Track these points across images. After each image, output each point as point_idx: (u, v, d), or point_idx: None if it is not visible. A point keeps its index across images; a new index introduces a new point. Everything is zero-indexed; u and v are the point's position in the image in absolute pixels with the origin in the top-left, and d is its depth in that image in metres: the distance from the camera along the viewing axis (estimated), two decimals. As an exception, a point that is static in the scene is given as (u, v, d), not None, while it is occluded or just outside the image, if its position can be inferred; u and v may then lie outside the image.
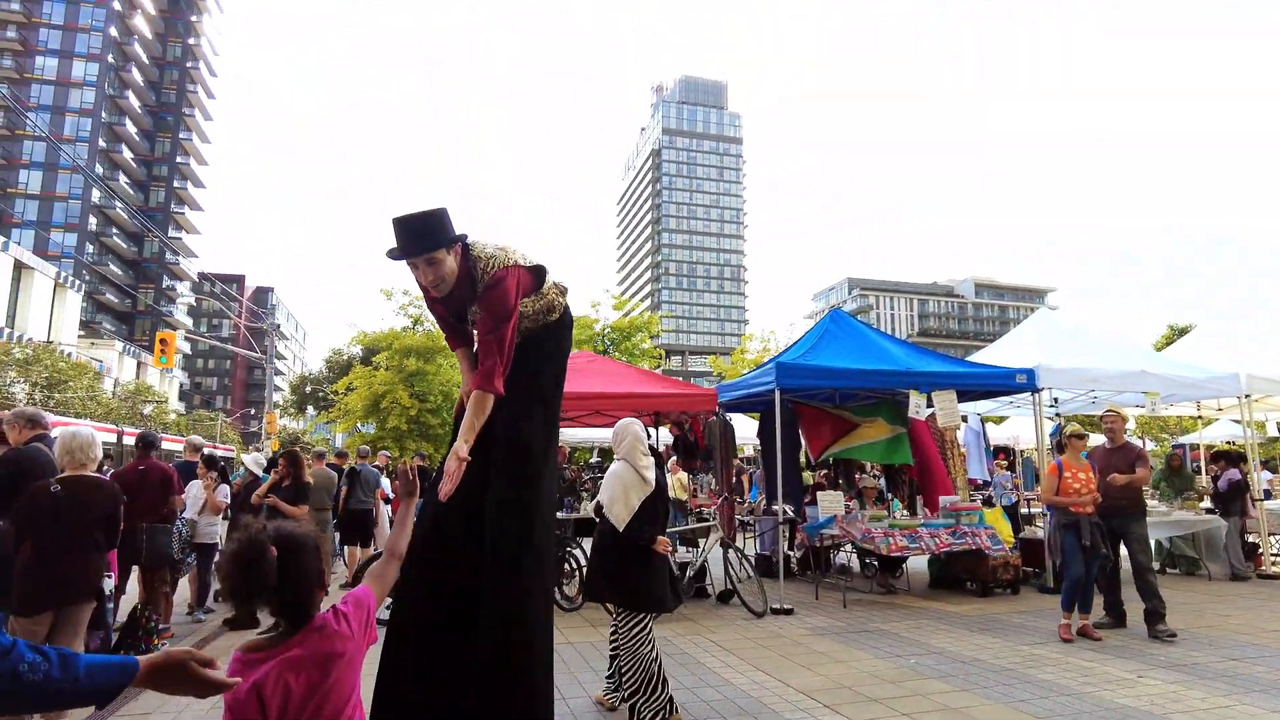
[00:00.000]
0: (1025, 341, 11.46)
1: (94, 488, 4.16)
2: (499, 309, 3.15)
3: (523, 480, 3.31)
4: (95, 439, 4.30)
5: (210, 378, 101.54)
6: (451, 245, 3.08)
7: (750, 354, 40.07)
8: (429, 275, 3.07)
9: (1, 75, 65.18)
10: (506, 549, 3.16)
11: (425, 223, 3.01)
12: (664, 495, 4.64)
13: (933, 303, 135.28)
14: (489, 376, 3.12)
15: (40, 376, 36.38)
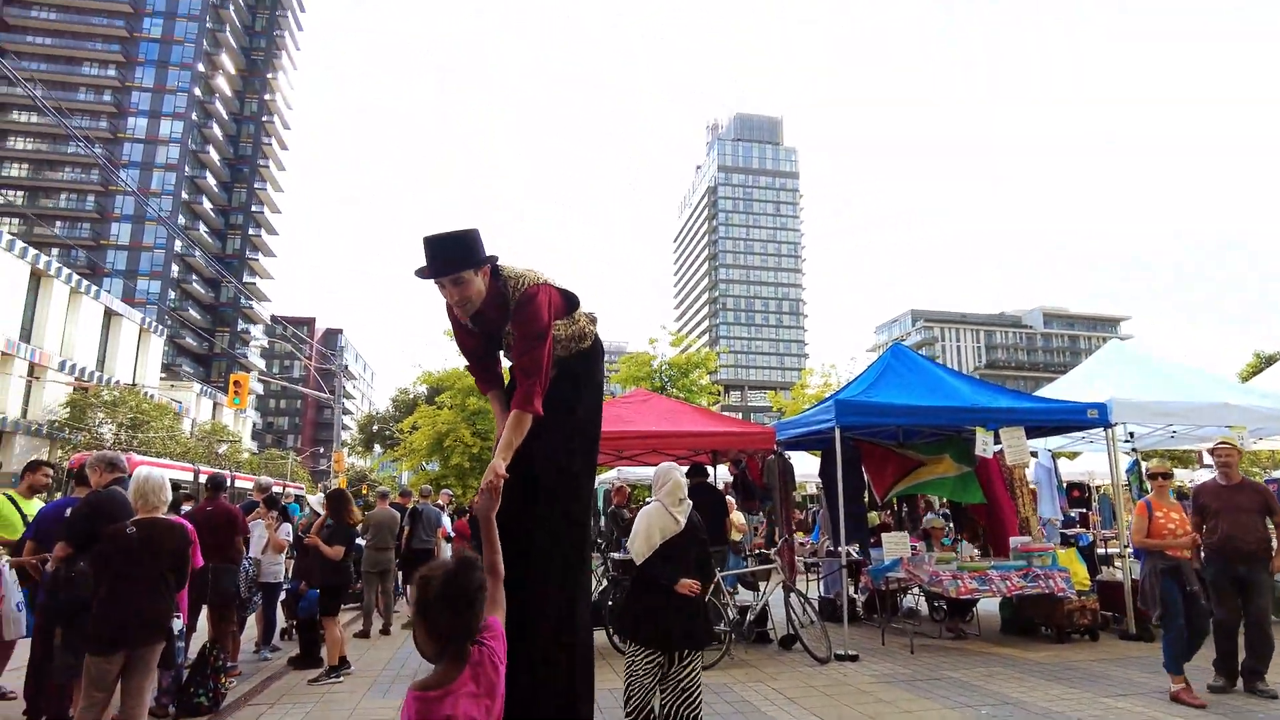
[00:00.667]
0: (1098, 374, 11.03)
1: (166, 529, 4.30)
2: (532, 326, 3.15)
3: (567, 509, 3.35)
4: (166, 482, 4.46)
5: (282, 417, 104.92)
6: (479, 267, 3.08)
7: (811, 389, 39.55)
8: (455, 295, 3.08)
9: (98, 136, 69.48)
10: (554, 577, 3.25)
11: (454, 242, 3.03)
12: (697, 539, 4.71)
13: (999, 334, 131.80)
14: (528, 397, 3.11)
15: (125, 417, 38.09)
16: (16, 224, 62.80)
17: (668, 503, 4.67)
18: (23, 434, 37.60)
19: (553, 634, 3.21)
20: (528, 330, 3.16)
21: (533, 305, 3.15)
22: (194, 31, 74.65)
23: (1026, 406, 9.16)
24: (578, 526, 3.45)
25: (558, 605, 3.27)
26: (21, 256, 37.92)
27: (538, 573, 3.21)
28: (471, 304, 3.13)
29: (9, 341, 36.63)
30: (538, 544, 3.25)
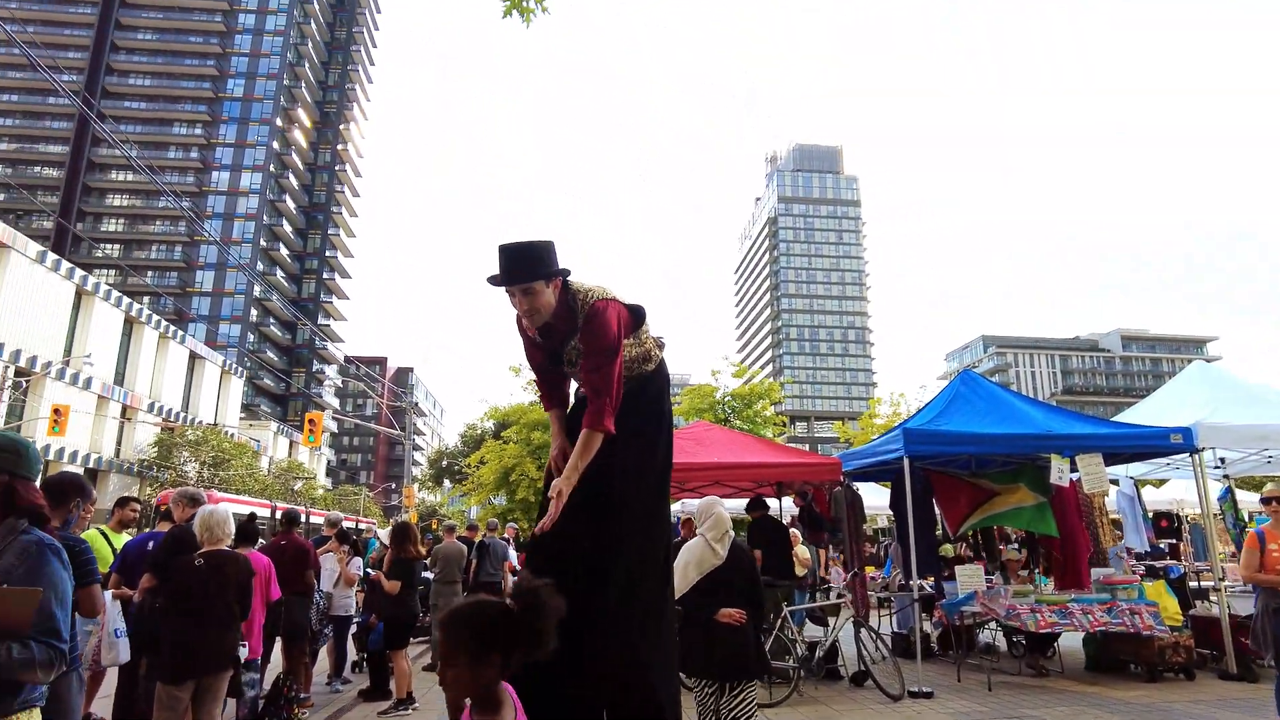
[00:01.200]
0: (1182, 397, 10.52)
1: (231, 561, 4.46)
2: (601, 340, 3.07)
3: (648, 532, 3.19)
4: (229, 516, 4.64)
5: (355, 454, 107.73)
6: (551, 278, 3.05)
7: (879, 419, 38.74)
8: (524, 305, 3.05)
9: (185, 190, 73.58)
10: (637, 612, 3.05)
11: (528, 252, 3.00)
12: (741, 569, 4.75)
13: (1075, 359, 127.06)
14: (599, 416, 3.01)
15: (208, 455, 39.70)
16: (113, 275, 66.64)
17: (710, 537, 4.71)
18: (116, 472, 39.50)
19: (627, 666, 2.98)
20: (597, 345, 3.07)
21: (601, 319, 3.07)
22: (272, 89, 78.73)
23: (1104, 432, 8.79)
24: (658, 550, 3.24)
25: (633, 633, 3.02)
26: (117, 305, 40.19)
27: (611, 597, 2.99)
28: (540, 315, 3.08)
29: (105, 385, 38.69)
30: (613, 567, 3.05)
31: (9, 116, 75.78)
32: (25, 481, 2.27)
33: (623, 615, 3.00)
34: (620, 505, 3.12)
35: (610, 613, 2.96)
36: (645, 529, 3.18)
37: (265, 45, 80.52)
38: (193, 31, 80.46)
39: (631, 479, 3.19)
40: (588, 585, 2.95)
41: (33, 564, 2.10)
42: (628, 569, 3.06)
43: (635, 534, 3.14)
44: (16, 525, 2.17)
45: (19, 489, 2.24)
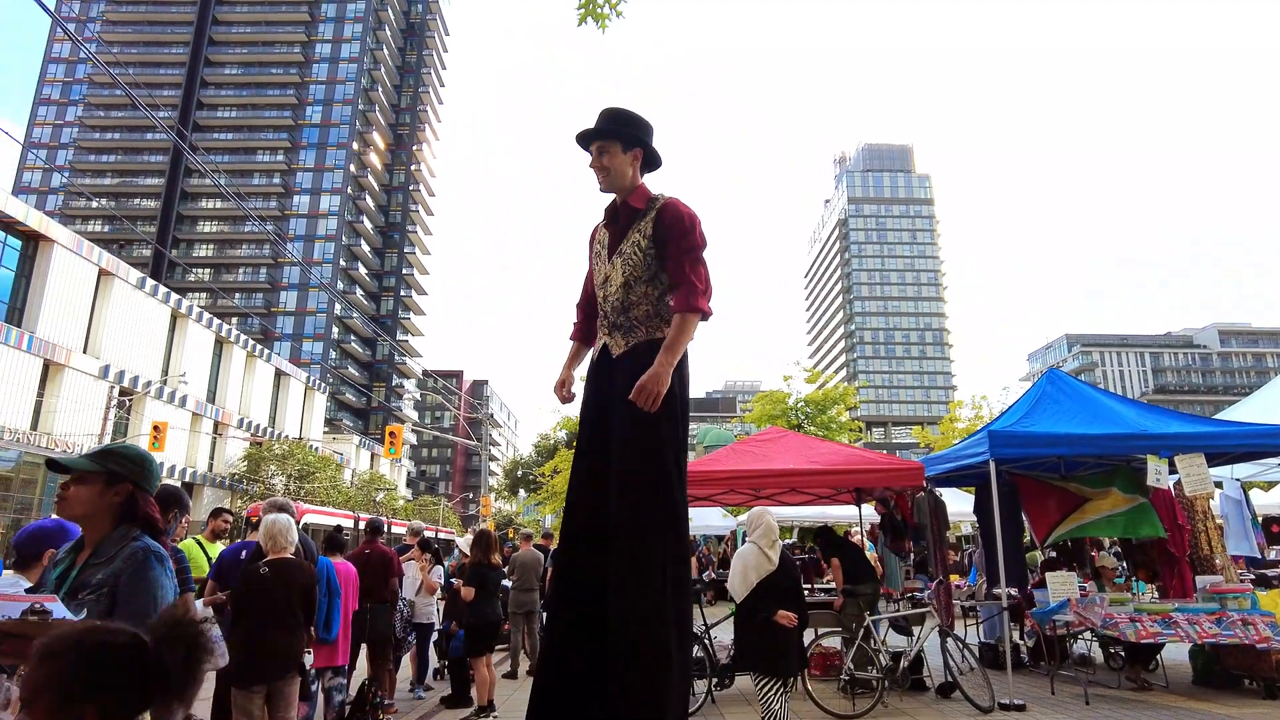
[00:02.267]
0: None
1: (296, 569, 4.59)
2: (690, 228, 2.95)
3: (668, 500, 2.85)
4: (291, 524, 4.78)
5: (434, 465, 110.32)
6: (630, 145, 3.00)
7: (961, 423, 37.66)
8: (598, 162, 3.01)
9: (269, 215, 76.95)
10: (648, 576, 2.75)
11: (619, 114, 3.02)
12: (790, 573, 5.16)
13: (1168, 356, 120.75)
14: (691, 296, 2.86)
15: (294, 469, 41.23)
16: (204, 298, 70.11)
17: (763, 544, 5.03)
18: (209, 485, 41.41)
19: (641, 631, 2.72)
20: (683, 229, 2.94)
21: (687, 211, 2.99)
22: (348, 114, 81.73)
23: (1205, 431, 8.30)
24: (676, 523, 2.91)
25: (651, 606, 2.75)
26: (208, 326, 42.25)
27: (630, 571, 2.74)
28: (611, 178, 3.02)
29: (198, 402, 40.65)
30: (628, 537, 2.77)
31: (112, 153, 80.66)
32: (145, 494, 2.37)
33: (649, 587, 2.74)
34: (630, 462, 2.83)
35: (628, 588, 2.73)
36: (665, 493, 2.85)
37: (341, 72, 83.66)
38: (273, 64, 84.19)
39: (651, 436, 2.87)
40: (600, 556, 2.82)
41: (138, 569, 2.18)
42: (641, 538, 2.79)
43: (651, 500, 2.83)
44: (130, 532, 2.26)
45: (140, 499, 2.34)
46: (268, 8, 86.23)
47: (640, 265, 2.98)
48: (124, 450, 2.41)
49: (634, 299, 2.99)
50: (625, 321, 3.02)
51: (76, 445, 30.92)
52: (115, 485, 2.30)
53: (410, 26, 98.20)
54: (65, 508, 2.28)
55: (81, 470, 2.30)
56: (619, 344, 3.03)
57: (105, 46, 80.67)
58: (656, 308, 3.02)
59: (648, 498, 2.79)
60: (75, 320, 32.71)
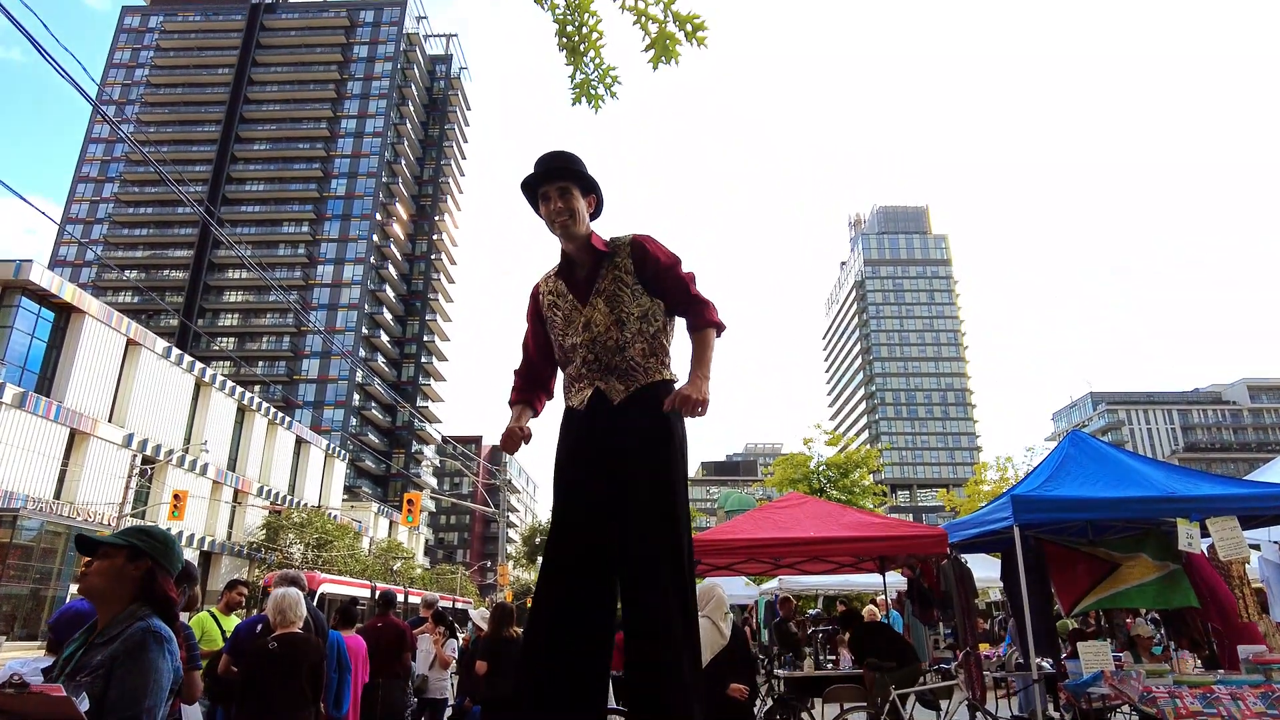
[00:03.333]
0: (1325, 453, 9.63)
1: (305, 644, 4.53)
2: (670, 255, 2.89)
3: (676, 537, 2.69)
4: (300, 599, 4.75)
5: (452, 533, 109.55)
6: (587, 190, 2.85)
7: (987, 485, 37.09)
8: (557, 204, 2.77)
9: (293, 284, 78.65)
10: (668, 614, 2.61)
11: (568, 156, 2.86)
12: (742, 645, 5.18)
13: (1197, 413, 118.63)
14: (705, 311, 2.86)
15: (312, 537, 41.08)
16: (228, 366, 71.17)
17: (715, 618, 4.98)
18: (227, 554, 41.29)
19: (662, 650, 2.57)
20: (667, 257, 2.88)
21: (657, 242, 2.91)
22: (371, 186, 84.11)
23: (1236, 493, 8.07)
24: (684, 562, 2.73)
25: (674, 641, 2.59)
26: (231, 395, 42.76)
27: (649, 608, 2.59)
28: (571, 223, 2.79)
29: (219, 471, 40.87)
30: (643, 575, 2.62)
31: (145, 227, 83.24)
32: (165, 573, 2.40)
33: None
34: (640, 495, 2.69)
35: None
36: (674, 529, 2.71)
37: (365, 146, 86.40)
38: (300, 139, 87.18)
39: (659, 468, 2.74)
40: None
41: (135, 651, 2.17)
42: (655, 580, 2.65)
43: (660, 537, 2.68)
44: (138, 612, 2.27)
45: (158, 577, 2.36)
46: (296, 86, 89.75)
47: (629, 301, 2.81)
48: (150, 529, 2.46)
49: (628, 336, 2.79)
50: (621, 363, 2.80)
51: (98, 514, 31.07)
52: (136, 561, 2.33)
53: (433, 102, 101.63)
54: (89, 582, 2.31)
55: (103, 544, 2.34)
56: (618, 390, 2.80)
57: (142, 126, 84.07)
58: (652, 346, 2.84)
59: (668, 566, 2.63)
60: (102, 389, 33.26)
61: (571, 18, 3.47)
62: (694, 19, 3.23)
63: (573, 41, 3.52)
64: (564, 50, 3.55)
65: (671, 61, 3.33)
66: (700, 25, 3.24)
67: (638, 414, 2.76)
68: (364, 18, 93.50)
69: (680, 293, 2.86)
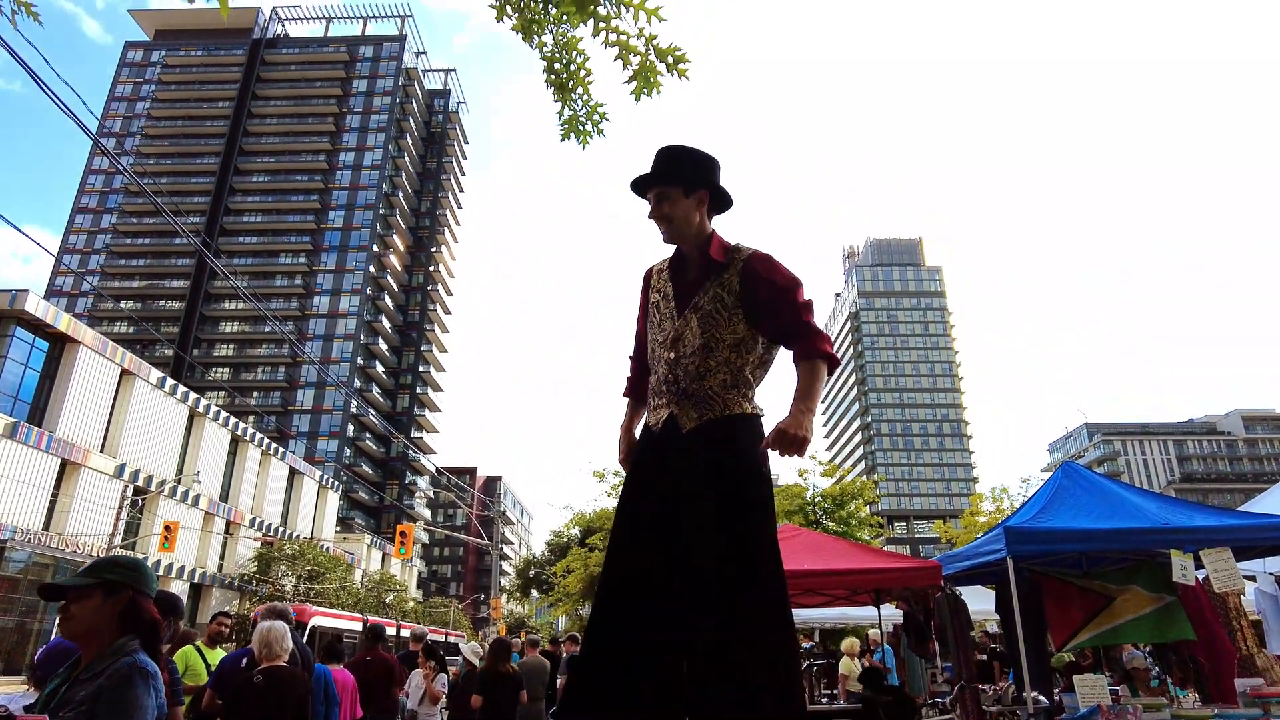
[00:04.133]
0: (1318, 484, 9.63)
1: (290, 677, 4.49)
2: (789, 276, 2.64)
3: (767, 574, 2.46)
4: (287, 632, 4.71)
5: (445, 565, 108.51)
6: (692, 189, 2.67)
7: (983, 516, 36.95)
8: (658, 211, 2.68)
9: (289, 315, 78.72)
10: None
11: (678, 154, 2.70)
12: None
13: (1192, 443, 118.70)
14: (815, 340, 2.57)
15: (304, 569, 40.65)
16: (222, 396, 70.93)
17: None
18: (218, 587, 40.80)
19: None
20: (785, 279, 2.63)
21: (778, 262, 2.68)
22: (369, 218, 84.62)
23: (1229, 524, 8.07)
24: (758, 604, 2.43)
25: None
26: (224, 425, 42.57)
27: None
28: (673, 227, 2.69)
29: (211, 502, 40.55)
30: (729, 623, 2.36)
31: (142, 257, 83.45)
32: (146, 598, 2.38)
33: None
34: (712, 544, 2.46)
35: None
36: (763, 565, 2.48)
37: (363, 179, 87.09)
38: (299, 171, 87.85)
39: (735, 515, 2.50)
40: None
41: (119, 686, 2.15)
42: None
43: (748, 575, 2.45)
44: (124, 647, 2.24)
45: (142, 605, 2.34)
46: (295, 119, 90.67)
47: (725, 326, 2.62)
48: (117, 558, 2.43)
49: (713, 365, 2.61)
50: (699, 390, 2.61)
51: (87, 545, 30.74)
52: (116, 594, 2.30)
53: (431, 135, 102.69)
54: (71, 625, 2.26)
55: (78, 587, 2.29)
56: (690, 418, 2.61)
57: (142, 158, 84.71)
58: (735, 379, 2.63)
59: (734, 607, 2.36)
60: (95, 419, 33.10)
61: (560, 55, 3.54)
62: (675, 51, 3.29)
63: (561, 79, 3.59)
64: (552, 87, 3.62)
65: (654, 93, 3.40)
66: (681, 58, 3.31)
67: (707, 445, 2.56)
68: (363, 53, 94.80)
69: (792, 319, 2.62)
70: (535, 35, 3.42)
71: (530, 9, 3.34)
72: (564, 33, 3.46)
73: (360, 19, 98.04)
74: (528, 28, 3.38)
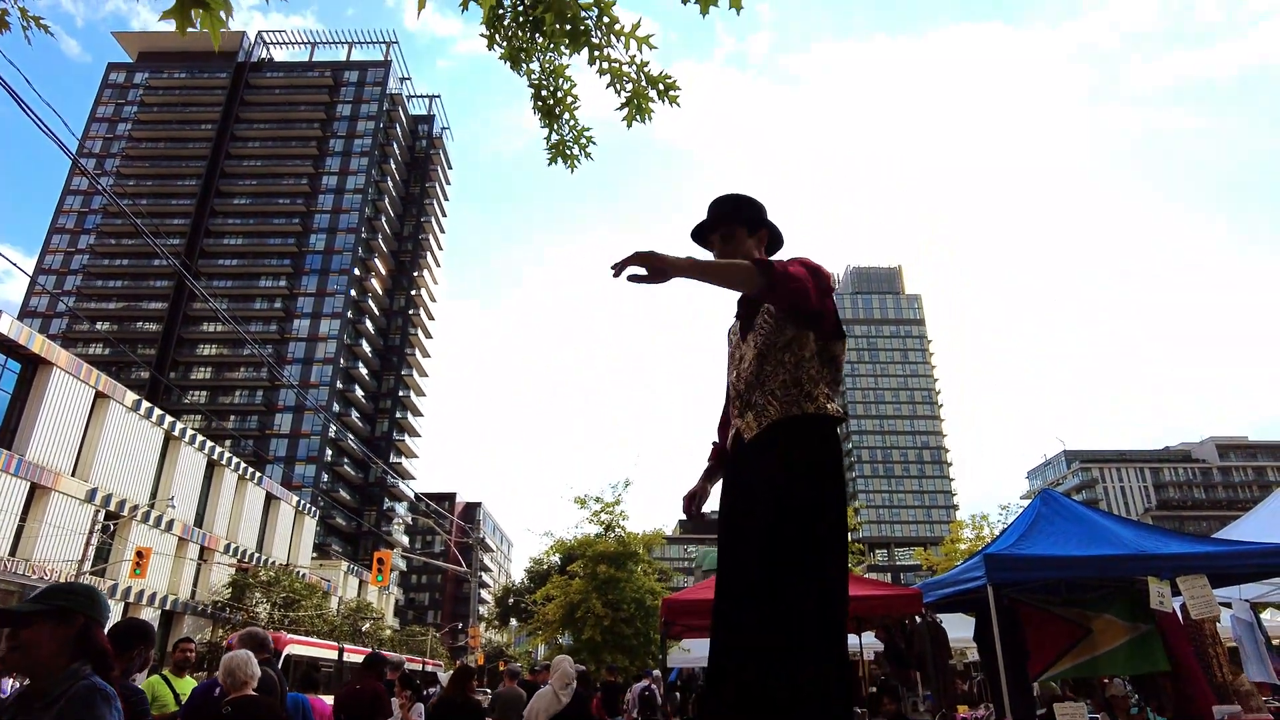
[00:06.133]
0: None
1: (260, 706, 4.39)
2: (797, 264, 2.56)
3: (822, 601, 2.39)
4: (251, 658, 4.61)
5: (423, 593, 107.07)
6: (755, 228, 2.82)
7: (963, 544, 37.09)
8: (723, 250, 2.81)
9: (268, 338, 78.10)
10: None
11: (733, 199, 2.84)
12: (578, 710, 6.25)
13: (1168, 471, 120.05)
14: (756, 261, 2.48)
15: (279, 596, 39.95)
16: (199, 420, 70.00)
17: (556, 687, 6.21)
18: (190, 614, 39.97)
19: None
20: (795, 267, 2.55)
21: (796, 259, 2.62)
22: (351, 242, 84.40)
23: (1205, 551, 8.16)
24: (798, 625, 2.37)
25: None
26: (201, 449, 41.96)
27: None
28: None
29: (185, 527, 39.84)
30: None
31: (120, 279, 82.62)
32: (98, 625, 2.35)
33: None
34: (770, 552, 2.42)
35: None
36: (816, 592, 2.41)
37: (346, 202, 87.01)
38: (281, 194, 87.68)
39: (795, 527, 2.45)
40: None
41: (82, 710, 2.11)
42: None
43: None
44: (78, 672, 2.21)
45: (93, 632, 2.31)
46: (278, 143, 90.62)
47: (774, 331, 2.65)
48: (69, 585, 2.41)
49: (769, 369, 2.63)
50: (759, 399, 2.62)
51: (56, 571, 30.04)
52: (68, 621, 2.27)
53: (414, 160, 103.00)
54: (24, 655, 2.21)
55: (30, 613, 2.26)
56: (750, 426, 2.63)
57: (122, 180, 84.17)
58: (795, 375, 2.60)
59: (769, 626, 2.33)
60: (67, 442, 32.52)
61: (547, 82, 3.58)
62: (665, 79, 3.35)
63: (548, 105, 3.63)
64: (539, 113, 3.66)
65: (646, 119, 3.46)
66: (672, 85, 3.37)
67: (764, 452, 2.55)
68: (348, 78, 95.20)
69: (788, 288, 2.48)
70: (524, 63, 3.47)
71: (519, 37, 3.38)
72: (551, 60, 3.51)
73: (345, 44, 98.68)
74: (515, 56, 3.43)
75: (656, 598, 24.78)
